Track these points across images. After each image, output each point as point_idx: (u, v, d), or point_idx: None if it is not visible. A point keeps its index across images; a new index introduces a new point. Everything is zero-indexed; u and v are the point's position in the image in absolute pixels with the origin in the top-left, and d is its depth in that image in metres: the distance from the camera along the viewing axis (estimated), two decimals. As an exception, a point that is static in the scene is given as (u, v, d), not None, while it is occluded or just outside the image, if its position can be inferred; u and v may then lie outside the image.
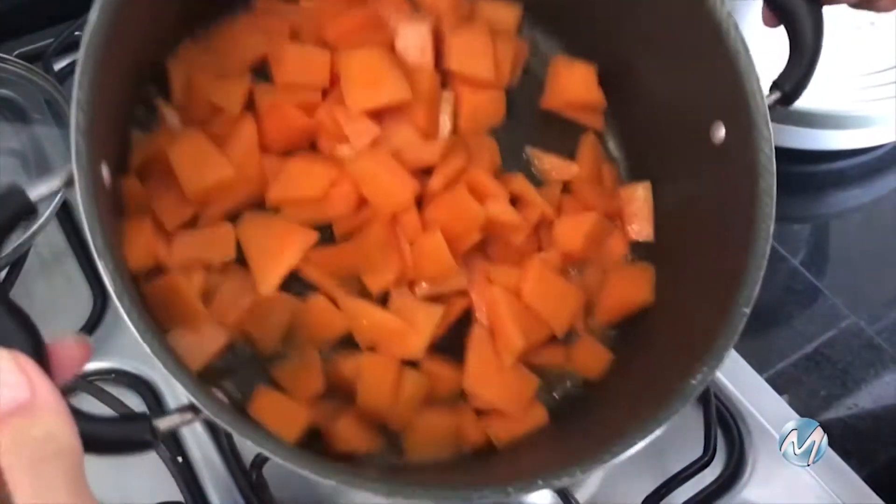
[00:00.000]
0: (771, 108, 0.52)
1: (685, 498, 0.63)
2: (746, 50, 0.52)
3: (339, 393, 0.56)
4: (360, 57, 0.59)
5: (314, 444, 0.54)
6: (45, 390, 0.35)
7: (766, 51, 0.57)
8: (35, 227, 0.64)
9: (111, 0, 0.46)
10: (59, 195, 0.65)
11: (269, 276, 0.55)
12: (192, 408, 0.43)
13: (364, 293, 0.58)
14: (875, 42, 0.87)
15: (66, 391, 0.38)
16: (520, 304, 0.58)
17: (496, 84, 0.64)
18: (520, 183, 0.62)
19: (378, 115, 0.60)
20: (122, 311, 0.42)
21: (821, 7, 0.54)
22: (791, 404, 0.69)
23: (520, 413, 0.57)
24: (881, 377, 0.74)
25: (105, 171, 0.47)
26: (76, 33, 0.84)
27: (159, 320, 0.52)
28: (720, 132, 0.55)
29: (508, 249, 0.61)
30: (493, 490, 0.45)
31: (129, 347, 0.66)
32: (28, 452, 0.34)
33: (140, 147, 0.57)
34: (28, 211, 0.44)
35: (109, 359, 0.66)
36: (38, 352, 0.39)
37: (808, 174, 0.87)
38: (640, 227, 0.62)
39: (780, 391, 0.70)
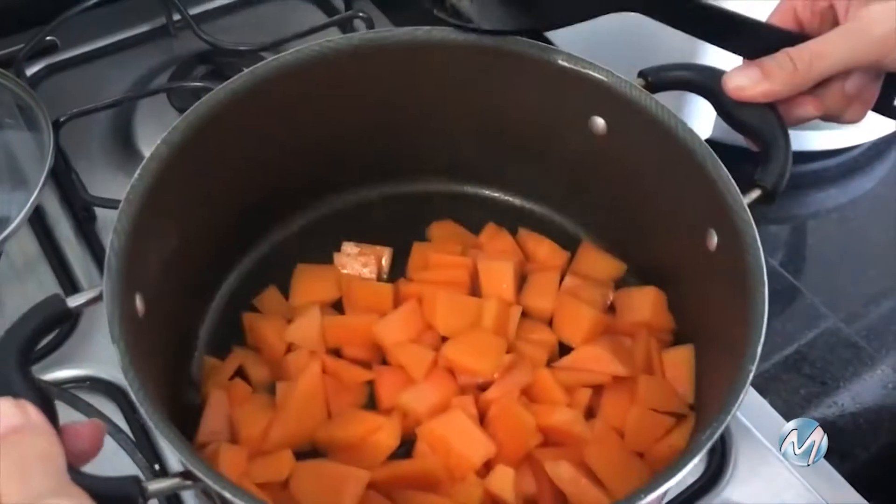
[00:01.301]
0: (752, 206, 0.56)
1: (668, 498, 0.63)
2: (715, 164, 0.57)
3: None
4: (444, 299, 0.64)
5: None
6: (38, 418, 0.40)
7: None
8: (6, 232, 0.63)
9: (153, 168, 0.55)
10: (32, 199, 0.64)
11: None
12: (189, 475, 0.44)
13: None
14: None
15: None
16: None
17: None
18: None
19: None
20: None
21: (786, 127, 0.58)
22: (772, 403, 0.69)
23: None
24: (860, 376, 0.74)
25: (139, 302, 0.52)
26: (48, 38, 0.83)
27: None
28: (714, 239, 0.59)
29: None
30: None
31: (103, 355, 0.65)
32: (17, 454, 0.38)
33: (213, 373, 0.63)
34: (66, 317, 0.48)
35: (83, 366, 0.66)
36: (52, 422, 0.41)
37: (785, 175, 0.88)
38: (683, 391, 0.62)
39: (760, 391, 0.70)
